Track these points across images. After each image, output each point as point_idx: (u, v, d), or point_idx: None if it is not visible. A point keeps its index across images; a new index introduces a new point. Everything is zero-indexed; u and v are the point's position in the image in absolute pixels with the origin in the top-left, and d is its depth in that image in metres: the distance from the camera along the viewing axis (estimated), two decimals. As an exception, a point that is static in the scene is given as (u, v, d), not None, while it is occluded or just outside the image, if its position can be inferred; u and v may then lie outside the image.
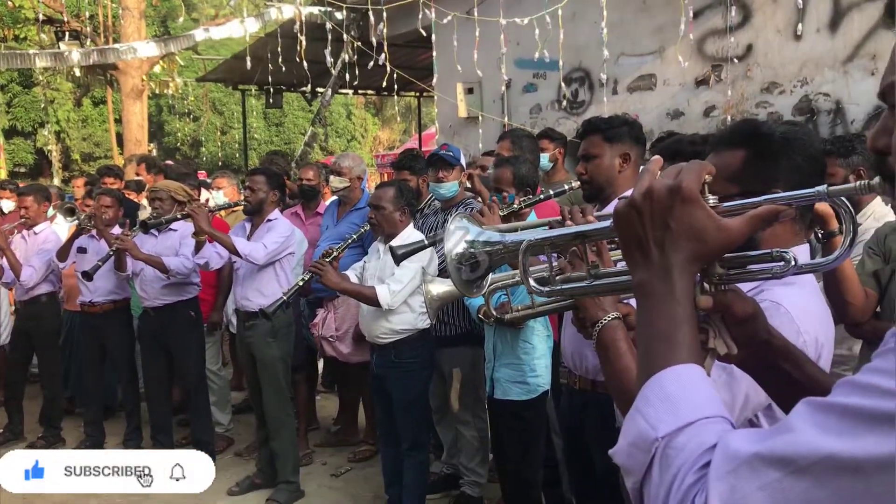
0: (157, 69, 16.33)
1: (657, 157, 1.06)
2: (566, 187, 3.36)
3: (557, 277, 1.28)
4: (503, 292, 2.07)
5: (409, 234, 4.24)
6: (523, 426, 3.79)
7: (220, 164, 24.78)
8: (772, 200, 1.02)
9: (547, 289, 1.26)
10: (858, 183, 0.98)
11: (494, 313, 2.25)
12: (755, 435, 0.80)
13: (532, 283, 1.25)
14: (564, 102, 8.12)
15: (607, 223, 1.17)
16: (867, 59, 5.93)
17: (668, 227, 0.96)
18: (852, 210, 1.05)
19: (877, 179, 0.95)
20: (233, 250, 4.74)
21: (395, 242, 4.21)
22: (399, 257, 3.48)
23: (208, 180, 9.03)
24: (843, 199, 1.04)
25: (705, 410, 0.87)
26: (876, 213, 3.44)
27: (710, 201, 0.98)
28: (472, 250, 1.31)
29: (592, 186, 3.09)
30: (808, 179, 1.74)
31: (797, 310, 1.64)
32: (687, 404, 0.88)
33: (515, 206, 3.24)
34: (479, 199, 5.00)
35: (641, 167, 3.10)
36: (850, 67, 6.01)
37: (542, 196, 3.33)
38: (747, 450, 0.78)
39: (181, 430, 5.96)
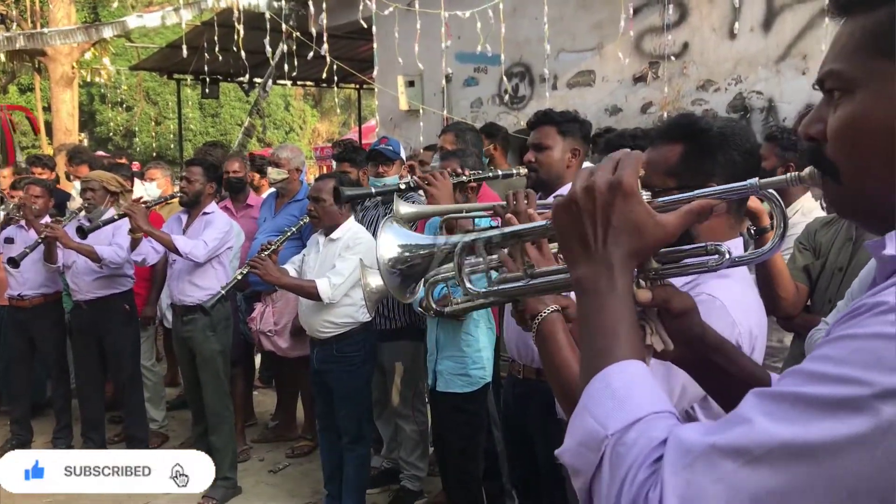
0: (87, 56, 15.86)
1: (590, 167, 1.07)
2: (514, 172, 3.37)
3: (494, 277, 1.26)
4: (444, 284, 2.06)
5: (350, 228, 4.20)
6: (465, 419, 3.79)
7: (154, 155, 24.21)
8: (705, 195, 1.04)
9: (483, 290, 1.24)
10: (789, 175, 1.00)
11: (435, 306, 2.24)
12: (706, 427, 0.80)
13: (468, 284, 1.24)
14: (505, 97, 8.15)
15: (543, 222, 1.16)
16: (799, 58, 6.10)
17: (609, 222, 0.97)
18: (782, 203, 1.06)
19: (808, 170, 0.96)
20: (173, 249, 4.65)
21: (335, 235, 4.18)
22: (345, 198, 3.42)
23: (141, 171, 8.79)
24: (773, 192, 1.06)
25: (653, 406, 0.87)
26: (804, 209, 3.53)
27: (645, 196, 0.98)
28: (406, 254, 1.29)
29: (540, 175, 3.13)
30: (743, 174, 1.76)
31: (732, 302, 1.67)
32: (634, 400, 0.87)
33: (465, 177, 3.23)
34: (421, 192, 5.00)
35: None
36: (783, 66, 6.17)
37: (490, 174, 3.33)
38: (701, 442, 0.78)
39: (114, 426, 5.81)
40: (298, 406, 5.90)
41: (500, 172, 3.35)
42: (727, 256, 1.06)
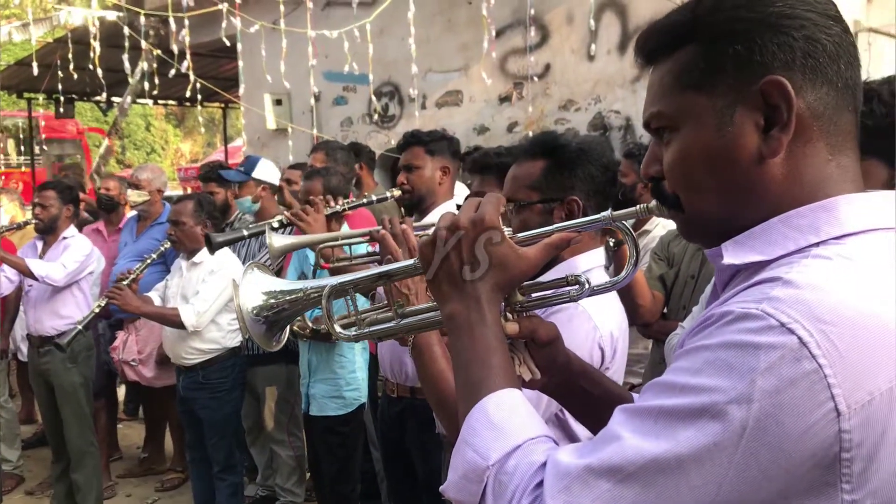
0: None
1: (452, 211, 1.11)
2: (388, 195, 3.39)
3: (364, 320, 1.27)
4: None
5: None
6: (340, 441, 3.75)
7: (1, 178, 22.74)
8: (562, 228, 1.10)
9: (354, 333, 1.25)
10: (639, 207, 1.07)
11: (311, 325, 2.20)
12: (581, 449, 0.84)
13: (338, 329, 1.23)
14: (375, 116, 8.17)
15: (412, 261, 1.18)
16: (652, 79, 6.42)
17: (474, 257, 1.01)
18: (633, 233, 1.14)
19: (654, 203, 1.03)
20: (28, 273, 4.39)
21: (197, 259, 4.06)
22: (215, 245, 3.32)
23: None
24: (625, 223, 1.12)
25: (530, 432, 0.90)
26: (664, 221, 3.72)
27: (506, 232, 1.04)
28: (272, 300, 1.27)
29: (413, 196, 3.19)
30: (601, 187, 1.88)
31: (593, 308, 1.75)
32: (512, 428, 0.90)
33: (339, 207, 3.22)
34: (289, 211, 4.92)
35: (446, 202, 3.17)
36: (638, 86, 6.48)
37: (365, 200, 3.33)
38: (576, 464, 0.81)
39: (-38, 470, 5.39)
40: (167, 437, 5.67)
41: (374, 198, 3.35)
42: (587, 287, 1.11)
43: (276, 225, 3.18)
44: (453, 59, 7.57)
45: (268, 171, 4.78)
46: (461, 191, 3.94)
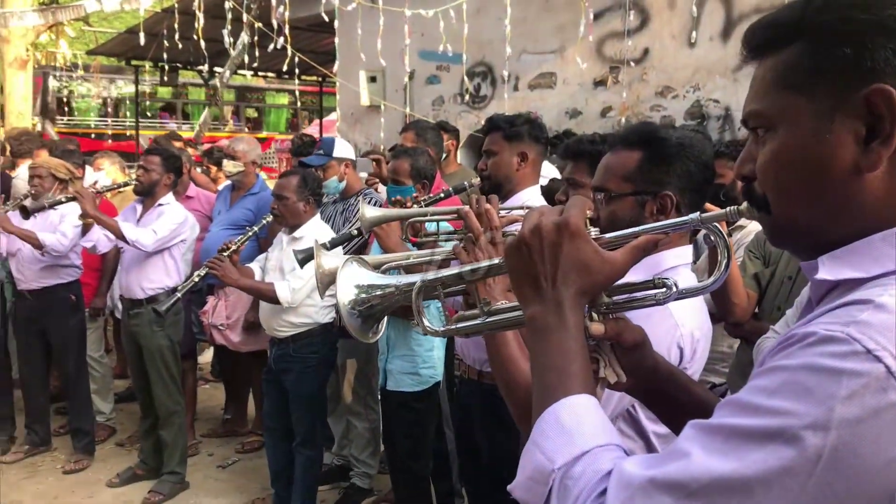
0: (43, 39, 15.48)
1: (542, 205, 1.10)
2: (466, 184, 3.39)
3: (452, 316, 1.29)
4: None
5: (314, 226, 4.14)
6: (414, 418, 3.79)
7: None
8: (649, 230, 1.08)
9: (442, 329, 1.27)
10: (729, 209, 1.03)
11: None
12: (647, 461, 0.83)
13: (427, 323, 1.25)
14: (467, 96, 8.17)
15: (497, 260, 1.19)
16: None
17: (558, 262, 1.00)
18: (725, 236, 1.10)
19: (745, 205, 0.99)
20: (119, 235, 4.52)
21: (298, 234, 4.11)
22: (301, 262, 3.41)
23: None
24: (715, 225, 1.09)
25: (599, 439, 0.90)
26: (763, 217, 3.60)
27: (592, 233, 1.02)
28: (363, 295, 1.29)
29: (491, 182, 3.15)
30: (698, 185, 1.81)
31: (675, 305, 1.70)
32: (582, 434, 0.90)
33: (418, 206, 3.22)
34: (377, 187, 4.98)
35: (531, 187, 3.12)
36: (740, 76, 6.27)
37: (442, 194, 3.33)
38: (641, 476, 0.80)
39: (59, 418, 5.69)
40: (250, 401, 5.85)
41: (451, 189, 3.35)
42: (674, 290, 1.08)
43: (354, 233, 3.28)
44: (549, 40, 7.48)
45: (345, 149, 4.82)
46: (548, 171, 3.87)
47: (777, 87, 0.90)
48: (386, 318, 1.35)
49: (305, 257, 3.27)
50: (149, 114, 20.88)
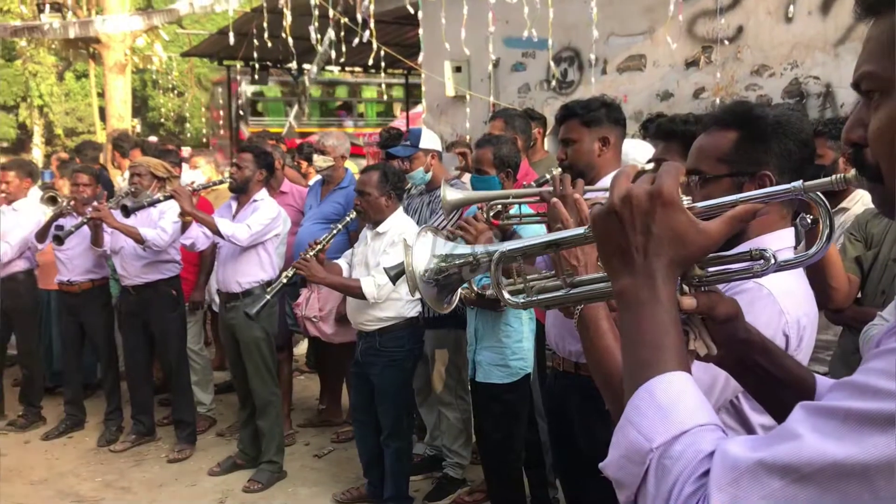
0: (140, 43, 16.08)
1: (631, 164, 1.04)
2: (548, 176, 3.32)
3: (533, 287, 1.24)
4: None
5: (397, 221, 4.15)
6: (504, 409, 3.76)
7: (204, 140, 24.54)
8: (747, 199, 1.00)
9: (523, 300, 1.23)
10: (834, 177, 0.97)
11: (477, 290, 2.18)
12: (754, 442, 0.78)
13: (507, 295, 1.22)
14: (553, 82, 8.05)
15: (581, 230, 1.13)
16: (858, 42, 5.86)
17: (650, 232, 0.94)
18: (828, 205, 1.02)
19: (853, 172, 0.93)
20: (216, 231, 4.66)
21: (381, 229, 4.13)
22: (393, 279, 3.41)
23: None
24: (818, 194, 1.01)
25: (698, 418, 0.85)
26: (864, 199, 3.42)
27: (685, 202, 0.96)
28: (442, 264, 1.26)
29: (574, 171, 3.06)
30: (797, 164, 1.72)
31: (780, 292, 1.63)
32: (680, 413, 0.85)
33: (499, 207, 3.16)
34: (465, 180, 4.95)
35: (615, 171, 3.04)
36: (841, 50, 5.97)
37: (525, 189, 3.27)
38: (748, 458, 0.76)
39: (163, 409, 5.91)
40: (344, 391, 5.94)
41: (533, 184, 3.28)
42: (772, 262, 1.02)
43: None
44: (637, 22, 7.29)
45: (432, 140, 4.81)
46: (635, 149, 3.73)
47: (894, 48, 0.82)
48: (459, 294, 1.31)
49: (397, 273, 3.26)
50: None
